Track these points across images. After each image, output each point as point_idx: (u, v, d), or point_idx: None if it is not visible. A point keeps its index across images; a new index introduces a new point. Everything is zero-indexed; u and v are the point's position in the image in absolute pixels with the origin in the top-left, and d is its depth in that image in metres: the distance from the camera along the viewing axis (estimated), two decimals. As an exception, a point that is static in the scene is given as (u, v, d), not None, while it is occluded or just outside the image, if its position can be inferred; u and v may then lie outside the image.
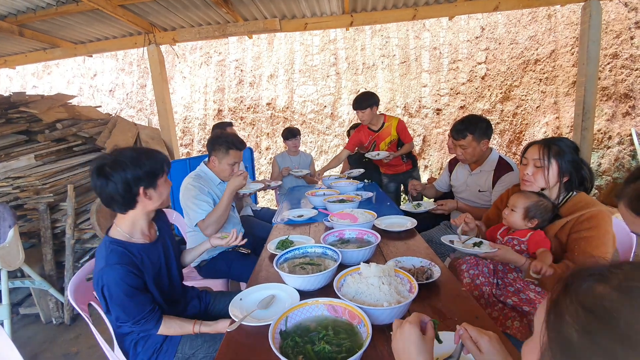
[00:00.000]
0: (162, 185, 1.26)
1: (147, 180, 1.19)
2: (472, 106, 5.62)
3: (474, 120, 2.00)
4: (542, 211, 1.40)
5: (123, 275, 1.14)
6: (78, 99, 6.57)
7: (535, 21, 5.47)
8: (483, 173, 2.09)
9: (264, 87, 6.25)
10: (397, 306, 0.97)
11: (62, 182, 2.87)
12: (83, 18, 3.26)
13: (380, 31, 5.97)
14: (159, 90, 3.90)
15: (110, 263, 1.14)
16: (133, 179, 1.16)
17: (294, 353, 0.84)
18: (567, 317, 0.38)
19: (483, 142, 2.00)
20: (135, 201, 1.20)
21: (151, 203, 1.24)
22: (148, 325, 1.22)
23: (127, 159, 1.16)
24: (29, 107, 3.26)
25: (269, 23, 3.57)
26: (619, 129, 5.07)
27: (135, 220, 1.25)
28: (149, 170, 1.19)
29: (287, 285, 1.23)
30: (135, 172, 1.16)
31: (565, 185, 1.40)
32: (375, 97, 2.98)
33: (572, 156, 1.38)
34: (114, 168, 1.14)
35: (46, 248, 2.70)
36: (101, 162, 1.16)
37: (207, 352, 1.30)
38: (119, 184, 1.14)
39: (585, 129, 3.31)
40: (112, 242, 1.21)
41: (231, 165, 2.02)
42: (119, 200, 1.18)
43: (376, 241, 1.48)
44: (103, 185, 1.15)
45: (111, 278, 1.13)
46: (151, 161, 1.21)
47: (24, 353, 1.10)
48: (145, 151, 1.23)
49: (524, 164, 1.46)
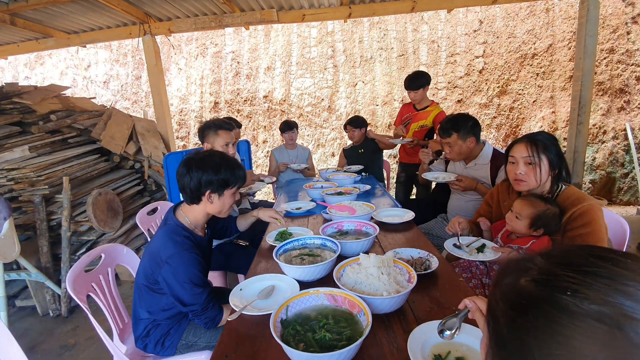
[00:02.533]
0: (227, 196, 1.36)
1: (216, 187, 1.30)
2: (469, 100, 5.63)
3: (460, 119, 2.02)
4: (550, 220, 1.34)
5: (196, 262, 1.22)
6: (72, 90, 6.47)
7: (533, 15, 5.46)
8: (479, 166, 2.11)
9: (261, 79, 6.19)
10: (396, 295, 0.98)
11: (57, 174, 2.85)
12: (76, 7, 3.19)
13: (378, 24, 5.92)
14: (155, 82, 3.85)
15: (186, 248, 1.22)
16: (205, 181, 1.28)
17: (295, 341, 0.85)
18: (497, 313, 0.39)
19: (469, 140, 2.02)
20: (200, 199, 1.31)
21: (212, 207, 1.34)
22: (214, 312, 1.27)
23: (210, 163, 1.30)
24: (22, 98, 3.21)
25: (266, 14, 3.53)
26: (614, 123, 5.11)
27: (197, 214, 1.35)
28: (222, 179, 1.31)
29: (287, 276, 1.24)
30: (210, 176, 1.28)
31: (556, 177, 1.40)
32: (426, 77, 3.00)
33: (556, 149, 1.38)
34: (197, 166, 1.28)
35: (42, 240, 2.68)
36: (192, 157, 1.33)
37: (209, 341, 1.35)
38: (194, 180, 1.28)
39: (581, 124, 3.33)
40: (183, 227, 1.31)
41: (224, 147, 2.03)
42: (188, 193, 1.30)
43: (375, 233, 1.49)
44: (183, 174, 1.29)
45: (188, 262, 1.21)
46: (228, 172, 1.33)
47: (21, 345, 1.09)
48: (229, 162, 1.35)
49: (512, 162, 1.44)
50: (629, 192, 5.08)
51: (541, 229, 1.36)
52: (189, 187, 1.28)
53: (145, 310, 1.34)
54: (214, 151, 1.38)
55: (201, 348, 1.35)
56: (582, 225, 1.29)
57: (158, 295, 1.31)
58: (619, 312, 0.32)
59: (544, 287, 0.36)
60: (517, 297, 0.38)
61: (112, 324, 1.44)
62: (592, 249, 0.38)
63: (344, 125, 3.37)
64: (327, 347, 0.84)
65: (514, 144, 1.45)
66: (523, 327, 0.36)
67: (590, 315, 0.33)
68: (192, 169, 1.28)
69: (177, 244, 1.23)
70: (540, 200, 1.36)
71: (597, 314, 0.32)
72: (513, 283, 0.39)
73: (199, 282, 1.22)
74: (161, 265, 1.21)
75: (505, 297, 0.39)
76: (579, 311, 0.33)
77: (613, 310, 0.32)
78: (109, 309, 1.46)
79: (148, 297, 1.32)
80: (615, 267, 0.35)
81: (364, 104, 5.91)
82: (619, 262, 0.36)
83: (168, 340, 1.35)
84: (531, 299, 0.36)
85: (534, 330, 0.35)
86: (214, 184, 1.29)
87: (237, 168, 1.36)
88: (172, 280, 1.20)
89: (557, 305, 0.34)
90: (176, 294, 1.21)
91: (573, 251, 0.39)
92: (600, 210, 1.30)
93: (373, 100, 5.89)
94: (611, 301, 0.33)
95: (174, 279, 1.20)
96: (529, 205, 1.36)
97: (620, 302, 0.32)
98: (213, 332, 1.35)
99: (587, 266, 0.36)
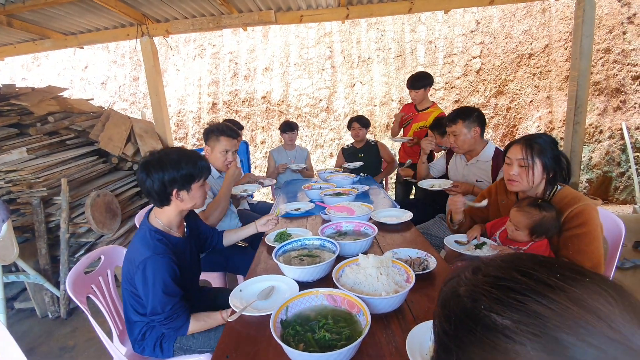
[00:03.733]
0: (196, 190, 1.32)
1: (181, 183, 1.26)
2: (466, 100, 5.65)
3: (466, 109, 2.06)
4: (549, 226, 1.33)
5: (167, 267, 1.19)
6: (69, 91, 6.45)
7: (529, 15, 5.49)
8: (480, 163, 2.12)
9: (259, 80, 6.20)
10: (395, 295, 0.99)
11: (56, 176, 2.84)
12: (74, 8, 3.19)
13: (375, 24, 5.94)
14: (153, 83, 3.85)
15: (158, 252, 1.19)
16: (168, 181, 1.24)
17: (295, 341, 0.86)
18: (436, 320, 0.41)
19: (474, 130, 2.03)
20: (169, 200, 1.28)
21: (183, 204, 1.31)
22: (178, 322, 1.23)
23: (169, 161, 1.25)
24: (19, 99, 3.20)
25: (264, 15, 3.53)
26: (610, 123, 5.14)
27: (170, 215, 1.32)
28: (185, 174, 1.26)
29: (286, 277, 1.25)
30: (171, 174, 1.24)
31: (551, 180, 1.41)
32: (429, 78, 3.02)
33: (553, 152, 1.39)
34: (155, 167, 1.23)
35: (40, 242, 2.68)
36: (148, 159, 1.27)
37: (203, 347, 1.32)
38: (156, 182, 1.23)
39: (578, 123, 3.35)
40: (156, 231, 1.27)
41: (223, 153, 2.02)
42: (154, 197, 1.26)
43: (373, 233, 1.50)
44: (143, 179, 1.24)
45: (157, 267, 1.18)
46: (190, 166, 1.28)
47: (20, 347, 1.10)
48: (188, 156, 1.30)
49: (508, 163, 1.46)
50: (625, 191, 5.11)
51: (543, 235, 1.36)
52: (153, 191, 1.24)
53: (134, 312, 1.33)
54: (170, 148, 1.33)
55: (196, 352, 1.33)
56: (577, 225, 1.30)
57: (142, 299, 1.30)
58: (524, 329, 0.32)
59: (468, 299, 0.37)
60: (447, 305, 0.39)
61: (112, 325, 1.44)
62: (521, 263, 0.38)
63: (349, 123, 3.34)
64: (326, 347, 0.85)
65: (511, 145, 1.47)
66: (449, 334, 0.37)
67: (500, 331, 0.33)
68: (151, 171, 1.23)
69: (148, 248, 1.20)
70: (534, 208, 1.36)
71: (507, 329, 0.33)
72: (446, 291, 0.41)
73: (168, 290, 1.19)
74: (135, 272, 1.20)
75: (440, 304, 0.41)
76: (491, 325, 0.34)
77: (518, 327, 0.32)
78: (108, 310, 1.46)
79: (133, 302, 1.31)
80: (532, 281, 0.35)
81: (362, 105, 5.92)
82: (540, 277, 0.36)
83: (165, 342, 1.34)
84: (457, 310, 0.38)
85: (456, 340, 0.36)
86: (178, 182, 1.25)
87: (199, 159, 1.33)
88: (141, 286, 1.19)
89: (475, 318, 0.35)
90: (145, 300, 1.20)
91: (500, 265, 0.40)
92: (595, 210, 1.31)
93: (371, 100, 5.91)
94: (516, 318, 0.33)
95: (142, 284, 1.18)
96: (524, 216, 1.36)
97: (523, 320, 0.32)
98: (207, 339, 1.33)
99: (506, 281, 0.36)
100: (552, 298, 0.33)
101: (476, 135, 2.05)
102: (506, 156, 1.48)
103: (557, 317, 0.32)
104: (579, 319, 0.31)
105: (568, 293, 0.33)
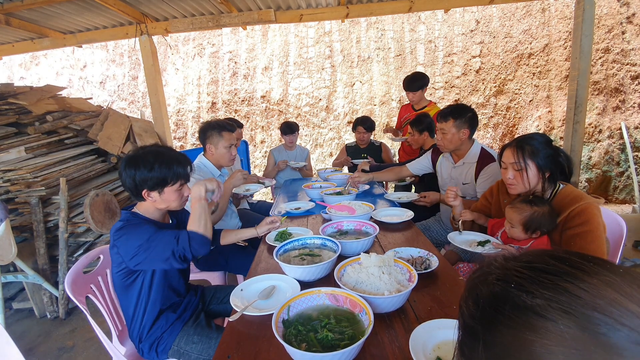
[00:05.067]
0: (169, 193, 1.29)
1: (151, 185, 1.25)
2: (466, 100, 5.64)
3: (460, 108, 2.02)
4: (541, 221, 1.34)
5: (145, 225, 1.22)
6: (68, 90, 6.42)
7: (529, 15, 5.49)
8: (466, 165, 2.08)
9: (259, 79, 6.18)
10: (398, 295, 0.98)
11: (54, 175, 2.82)
12: (72, 7, 3.17)
13: (375, 23, 5.93)
14: (152, 83, 3.83)
15: (133, 222, 1.23)
16: (139, 180, 1.24)
17: (297, 341, 0.85)
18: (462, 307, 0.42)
19: (463, 131, 1.99)
20: (142, 197, 1.28)
21: (157, 204, 1.31)
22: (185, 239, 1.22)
23: (143, 162, 1.24)
24: (17, 98, 3.18)
25: (263, 14, 3.52)
26: (609, 122, 5.15)
27: (149, 209, 1.33)
28: (157, 177, 1.25)
29: (288, 276, 1.24)
30: (142, 174, 1.24)
31: (549, 179, 1.39)
32: (425, 79, 3.01)
33: (546, 151, 1.37)
34: (130, 164, 1.24)
35: (39, 242, 2.66)
36: (129, 155, 1.28)
37: (200, 353, 1.30)
38: (128, 179, 1.25)
39: (577, 123, 3.35)
40: (134, 214, 1.30)
41: (228, 148, 2.01)
42: (129, 192, 1.29)
43: (374, 232, 1.49)
44: (120, 172, 1.28)
45: (135, 226, 1.21)
46: (164, 169, 1.25)
47: (18, 347, 1.09)
48: (165, 159, 1.27)
49: (504, 167, 1.46)
50: (624, 190, 5.12)
51: (538, 231, 1.36)
52: (126, 186, 1.27)
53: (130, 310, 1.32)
54: (151, 148, 1.31)
55: (192, 359, 1.30)
56: (580, 224, 1.29)
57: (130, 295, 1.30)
58: (555, 306, 0.33)
59: (498, 282, 0.38)
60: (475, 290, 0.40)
61: (111, 325, 1.43)
62: (554, 252, 0.39)
63: (354, 124, 3.31)
64: (329, 346, 0.84)
65: (504, 149, 1.46)
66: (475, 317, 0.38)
67: (530, 309, 0.34)
68: (125, 167, 1.25)
69: (120, 223, 1.24)
70: (525, 204, 1.36)
71: (538, 307, 0.33)
72: (474, 278, 0.42)
73: (150, 233, 1.20)
74: (118, 252, 1.21)
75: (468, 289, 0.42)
76: (521, 304, 0.34)
77: (550, 304, 0.33)
78: (107, 310, 1.45)
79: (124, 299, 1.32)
80: (565, 265, 0.36)
81: (361, 104, 5.91)
82: (573, 261, 0.36)
83: (161, 344, 1.32)
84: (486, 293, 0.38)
85: (483, 321, 0.37)
86: (148, 183, 1.24)
87: (176, 163, 1.28)
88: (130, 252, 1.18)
89: (504, 298, 0.36)
90: (146, 260, 1.19)
91: (533, 252, 0.40)
92: (597, 208, 1.30)
93: (371, 100, 5.90)
94: (548, 296, 0.33)
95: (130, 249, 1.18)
96: (516, 212, 1.38)
97: (555, 297, 0.33)
98: (205, 345, 1.31)
99: (539, 263, 0.37)
100: (585, 280, 0.34)
101: (464, 137, 2.01)
102: (501, 160, 1.47)
103: (589, 296, 0.32)
104: (612, 299, 0.32)
105: (601, 277, 0.34)
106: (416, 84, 2.95)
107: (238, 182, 1.95)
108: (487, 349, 0.36)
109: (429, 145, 2.61)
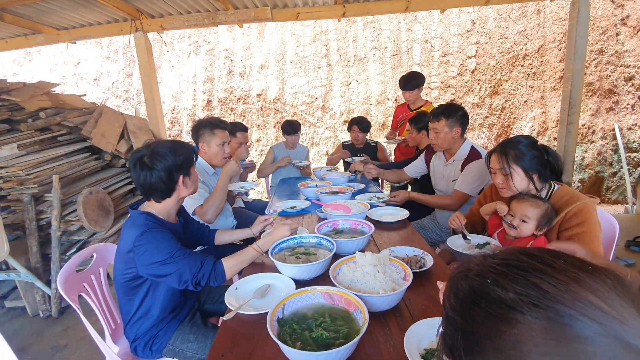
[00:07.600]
0: (194, 173, 1.35)
1: (185, 168, 1.28)
2: (461, 100, 5.67)
3: (451, 107, 2.07)
4: (550, 218, 1.33)
5: (164, 235, 1.18)
6: (61, 87, 6.34)
7: (524, 16, 5.53)
8: (456, 163, 2.13)
9: (255, 77, 6.16)
10: (392, 293, 0.99)
11: (47, 173, 2.79)
12: (66, 2, 3.13)
13: (372, 23, 5.93)
14: (147, 80, 3.80)
15: (151, 227, 1.19)
16: (174, 167, 1.24)
17: (292, 340, 0.85)
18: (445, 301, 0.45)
19: (455, 130, 2.04)
20: (174, 189, 1.28)
21: (186, 190, 1.32)
22: (208, 267, 1.21)
23: (166, 150, 1.24)
24: (10, 94, 3.13)
25: (260, 12, 3.51)
26: (603, 123, 5.20)
27: (168, 207, 1.31)
28: (185, 159, 1.28)
29: (283, 275, 1.24)
30: (175, 160, 1.24)
31: (540, 179, 1.39)
32: (421, 78, 3.04)
33: (531, 153, 1.36)
34: (156, 158, 1.22)
35: (31, 240, 2.63)
36: (140, 155, 1.23)
37: (195, 352, 1.30)
38: (162, 172, 1.22)
39: (571, 124, 3.38)
40: (149, 215, 1.25)
41: (221, 146, 2.00)
42: (161, 189, 1.24)
43: (370, 231, 1.49)
44: (147, 175, 1.21)
45: (159, 237, 1.16)
46: (185, 150, 1.30)
47: (11, 346, 1.08)
48: (178, 142, 1.32)
49: (493, 173, 1.47)
50: (617, 190, 5.18)
51: (545, 228, 1.35)
52: (160, 183, 1.22)
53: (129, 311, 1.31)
54: (159, 141, 1.30)
55: (188, 357, 1.30)
56: (577, 224, 1.29)
57: (134, 298, 1.27)
58: (525, 300, 0.36)
59: (476, 277, 0.41)
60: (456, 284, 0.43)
61: (104, 324, 1.42)
62: (529, 250, 0.42)
63: (349, 124, 3.31)
64: (324, 345, 0.84)
65: (490, 155, 1.47)
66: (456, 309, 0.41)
67: (503, 302, 0.37)
68: (152, 164, 1.21)
69: (141, 227, 1.18)
70: (538, 199, 1.35)
71: (510, 300, 0.36)
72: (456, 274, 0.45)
73: (174, 250, 1.17)
74: (134, 254, 1.16)
75: (450, 284, 0.45)
76: (495, 297, 0.37)
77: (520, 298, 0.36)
78: (100, 309, 1.44)
79: (127, 299, 1.29)
80: (537, 262, 0.39)
81: (357, 103, 5.92)
82: (544, 259, 0.39)
83: (156, 343, 1.31)
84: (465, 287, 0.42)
85: (462, 313, 0.40)
86: (183, 167, 1.27)
87: (186, 143, 1.36)
88: (147, 262, 1.14)
89: (481, 293, 0.39)
90: (161, 275, 1.16)
91: (509, 250, 0.43)
92: (594, 208, 1.31)
93: (367, 99, 5.91)
94: (519, 290, 0.36)
95: (149, 259, 1.14)
96: (533, 206, 1.33)
97: (525, 292, 0.36)
98: (201, 344, 1.30)
99: (513, 260, 0.40)
100: (553, 276, 0.37)
101: (456, 135, 2.06)
102: (489, 166, 1.49)
103: (556, 291, 0.35)
104: (577, 294, 0.35)
105: (568, 273, 0.37)
106: (412, 83, 2.97)
107: (233, 168, 1.92)
108: (465, 337, 0.39)
109: (425, 145, 2.62)
